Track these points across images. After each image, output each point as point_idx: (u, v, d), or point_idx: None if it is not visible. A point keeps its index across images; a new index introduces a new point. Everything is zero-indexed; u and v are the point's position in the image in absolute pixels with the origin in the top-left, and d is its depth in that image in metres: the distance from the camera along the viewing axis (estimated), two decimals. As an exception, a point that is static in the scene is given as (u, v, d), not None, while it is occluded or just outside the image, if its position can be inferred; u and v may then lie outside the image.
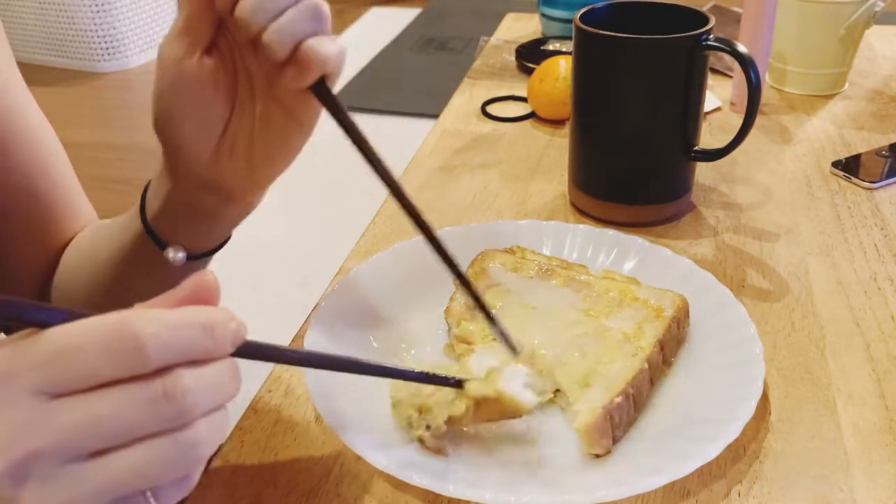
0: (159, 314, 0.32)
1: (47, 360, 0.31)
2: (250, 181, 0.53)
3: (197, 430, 0.32)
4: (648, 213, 0.74)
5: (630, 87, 0.70)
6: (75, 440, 0.30)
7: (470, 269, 0.62)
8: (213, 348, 0.33)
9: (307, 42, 0.45)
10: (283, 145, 0.51)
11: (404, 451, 0.49)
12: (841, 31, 0.97)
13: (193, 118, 0.49)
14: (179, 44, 0.47)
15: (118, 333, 0.31)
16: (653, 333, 0.54)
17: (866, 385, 0.55)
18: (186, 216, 0.55)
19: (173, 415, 0.32)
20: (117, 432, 0.31)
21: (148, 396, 0.31)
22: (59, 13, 3.22)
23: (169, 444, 0.32)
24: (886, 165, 0.83)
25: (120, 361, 0.31)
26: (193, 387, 0.32)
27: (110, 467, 0.31)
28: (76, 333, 0.31)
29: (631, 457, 0.49)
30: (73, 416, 0.30)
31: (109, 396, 0.31)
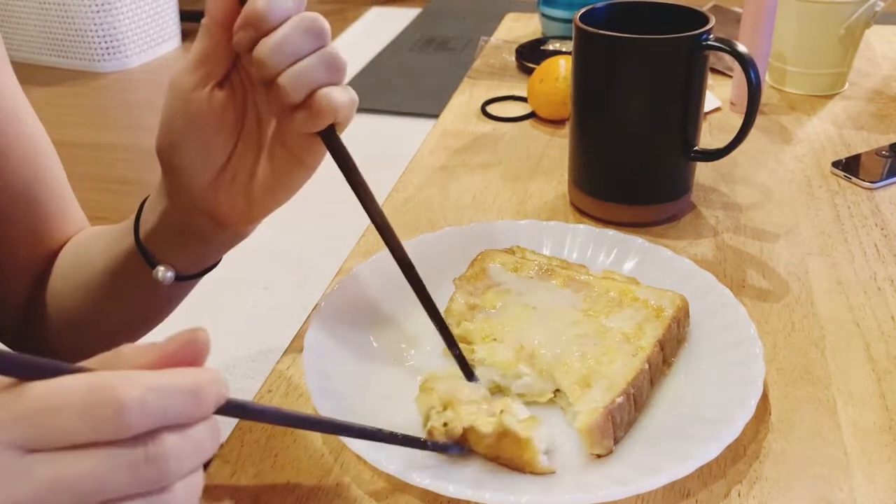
0: (142, 378, 0.31)
1: (26, 416, 0.30)
2: (246, 213, 0.53)
3: (175, 493, 0.32)
4: (648, 213, 0.74)
5: (630, 87, 0.70)
6: (51, 499, 0.30)
7: (470, 269, 0.62)
8: (196, 413, 0.32)
9: (322, 90, 0.46)
10: (284, 183, 0.52)
11: (404, 451, 0.48)
12: (841, 31, 0.97)
13: (197, 148, 0.50)
14: (193, 75, 0.48)
15: (99, 398, 0.30)
16: (653, 333, 0.54)
17: (866, 385, 0.55)
18: (179, 237, 0.55)
19: (154, 479, 0.31)
20: (95, 494, 0.30)
21: (129, 460, 0.30)
22: (59, 13, 3.22)
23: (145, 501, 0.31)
24: (886, 165, 0.83)
25: (99, 427, 0.30)
26: (176, 451, 0.31)
27: None
28: (57, 393, 0.30)
29: (631, 457, 0.49)
30: (51, 474, 0.30)
31: (90, 457, 0.30)
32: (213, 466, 0.50)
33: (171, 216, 0.54)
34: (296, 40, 0.45)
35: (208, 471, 0.50)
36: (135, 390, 0.30)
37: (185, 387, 0.32)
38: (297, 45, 0.45)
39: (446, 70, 3.11)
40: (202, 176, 0.51)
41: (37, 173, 0.62)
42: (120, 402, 0.30)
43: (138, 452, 0.31)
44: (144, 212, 0.57)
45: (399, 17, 3.83)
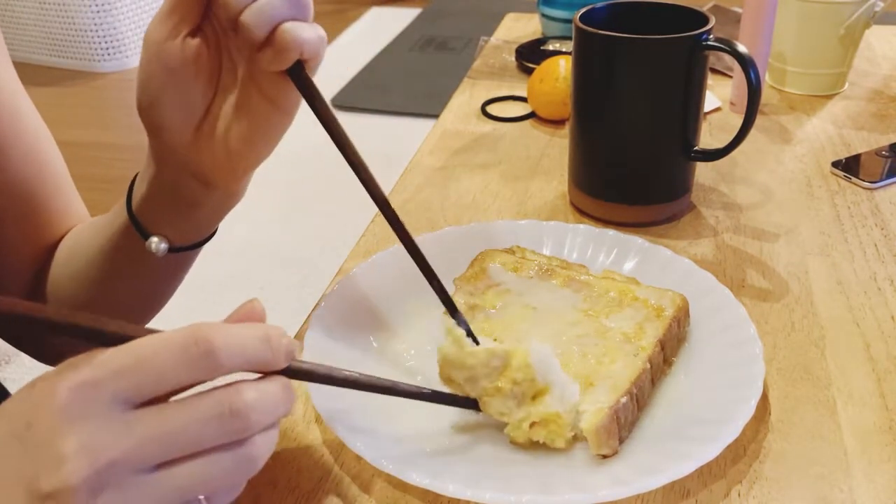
0: (223, 325, 0.34)
1: (127, 368, 0.32)
2: (229, 167, 0.53)
3: (254, 444, 0.35)
4: (648, 213, 0.74)
5: (630, 87, 0.70)
6: (148, 452, 0.32)
7: (470, 269, 0.62)
8: (271, 359, 0.36)
9: (284, 25, 0.45)
10: (262, 131, 0.51)
11: (404, 450, 0.49)
12: (841, 31, 0.97)
13: (175, 101, 0.50)
14: (165, 25, 0.48)
15: (192, 339, 0.33)
16: (653, 333, 0.54)
17: (866, 385, 0.55)
18: (170, 203, 0.55)
19: (237, 430, 0.34)
20: (185, 445, 0.33)
21: (215, 412, 0.33)
22: (59, 13, 3.22)
23: (230, 457, 0.34)
24: (886, 165, 0.83)
25: (194, 366, 0.33)
26: (256, 404, 0.34)
27: (175, 478, 0.33)
28: (152, 343, 0.33)
29: (631, 457, 0.49)
30: (149, 429, 0.32)
31: (180, 411, 0.33)
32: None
33: (159, 181, 0.54)
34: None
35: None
36: (220, 334, 0.34)
37: (259, 334, 0.35)
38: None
39: (446, 70, 3.12)
40: (183, 131, 0.51)
41: (39, 171, 0.62)
42: (210, 342, 0.33)
43: (224, 404, 0.33)
44: (135, 185, 0.57)
45: (399, 17, 3.83)
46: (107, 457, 0.31)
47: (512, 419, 0.49)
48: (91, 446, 0.31)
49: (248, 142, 0.52)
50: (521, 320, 0.56)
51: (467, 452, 0.50)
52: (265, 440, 0.36)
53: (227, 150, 0.52)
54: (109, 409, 0.32)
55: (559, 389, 0.49)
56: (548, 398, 0.48)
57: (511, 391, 0.48)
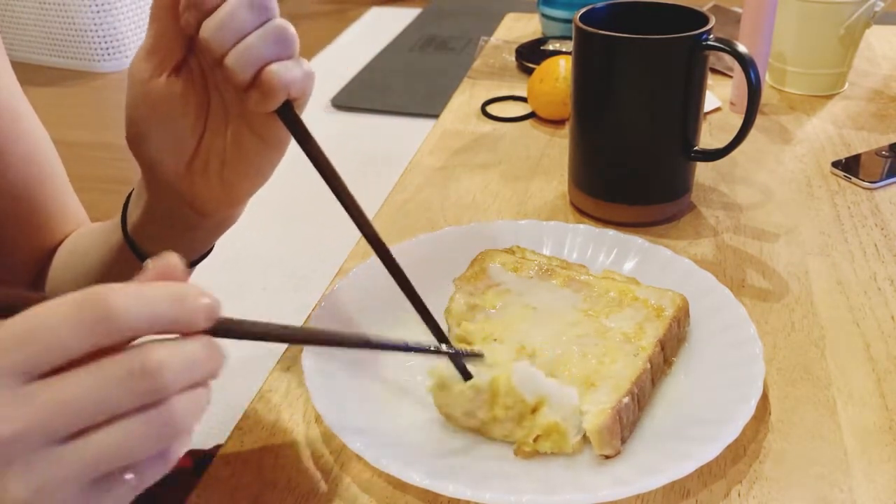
0: (127, 286, 0.32)
1: (19, 340, 0.30)
2: (225, 198, 0.53)
3: (173, 406, 0.32)
4: (648, 213, 0.74)
5: (630, 87, 0.70)
6: (53, 421, 0.30)
7: (470, 269, 0.62)
8: (183, 319, 0.33)
9: (270, 67, 0.44)
10: (256, 165, 0.51)
11: (404, 451, 0.49)
12: (841, 31, 0.97)
13: (164, 136, 0.49)
14: (148, 62, 0.46)
15: (87, 304, 0.31)
16: (653, 333, 0.54)
17: (866, 385, 0.55)
18: (165, 228, 0.55)
19: (148, 391, 0.31)
20: (94, 411, 0.31)
21: (122, 373, 0.31)
22: (59, 13, 3.22)
23: (145, 420, 0.31)
24: (886, 165, 0.83)
25: (90, 331, 0.30)
26: (168, 362, 0.31)
27: (89, 447, 0.31)
28: (45, 311, 0.31)
29: (631, 457, 0.49)
30: (50, 398, 0.30)
31: (83, 376, 0.31)
32: (213, 466, 0.50)
33: (153, 208, 0.54)
34: (238, 16, 0.43)
35: (208, 471, 0.50)
36: (121, 295, 0.31)
37: (170, 292, 0.32)
38: (240, 22, 0.43)
39: (446, 70, 3.12)
40: (174, 165, 0.50)
41: (38, 174, 0.62)
42: (107, 304, 0.31)
43: (133, 364, 0.31)
44: (130, 205, 0.56)
45: (399, 17, 3.83)
46: (6, 431, 0.30)
47: (515, 438, 0.49)
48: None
49: (242, 175, 0.51)
50: (521, 320, 0.56)
51: (467, 452, 0.50)
52: (188, 402, 0.32)
53: (222, 183, 0.51)
54: (5, 384, 0.30)
55: (554, 399, 0.49)
56: (545, 410, 0.48)
57: (507, 415, 0.49)
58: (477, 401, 0.49)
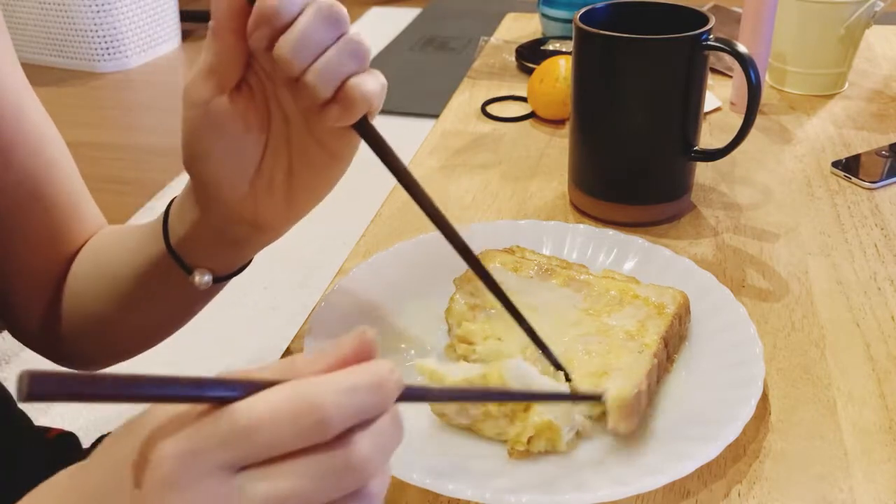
0: (332, 380, 0.32)
1: (234, 436, 0.30)
2: (288, 214, 0.52)
3: (370, 490, 0.33)
4: (648, 213, 0.74)
5: (630, 87, 0.70)
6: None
7: (466, 272, 0.62)
8: (383, 406, 0.33)
9: (352, 81, 0.43)
10: (323, 179, 0.51)
11: (404, 450, 0.48)
12: (841, 31, 0.97)
13: (225, 158, 0.48)
14: (208, 82, 0.46)
15: (303, 406, 0.31)
16: (656, 330, 0.54)
17: (866, 385, 0.55)
18: (215, 244, 0.54)
19: (355, 482, 0.32)
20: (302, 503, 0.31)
21: (331, 468, 0.31)
22: (59, 13, 3.22)
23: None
24: (886, 165, 0.83)
25: (304, 435, 0.31)
26: (370, 452, 0.32)
27: None
28: (259, 410, 0.31)
29: (631, 457, 0.49)
30: (261, 491, 0.31)
31: (294, 469, 0.31)
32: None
33: (205, 227, 0.53)
34: (316, 32, 0.42)
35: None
36: (331, 394, 0.31)
37: (369, 382, 0.32)
38: (319, 38, 0.42)
39: (446, 70, 3.11)
40: (237, 186, 0.49)
41: (47, 172, 0.60)
42: (321, 408, 0.31)
43: (339, 459, 0.31)
44: (172, 221, 0.55)
45: (399, 17, 3.83)
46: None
47: (509, 437, 0.49)
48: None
49: (309, 190, 0.51)
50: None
51: (467, 452, 0.50)
52: (380, 483, 0.34)
53: (287, 199, 0.51)
54: (214, 477, 0.31)
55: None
56: (537, 407, 0.48)
57: (499, 411, 0.49)
58: None
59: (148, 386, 0.29)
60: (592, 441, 0.50)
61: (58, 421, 1.52)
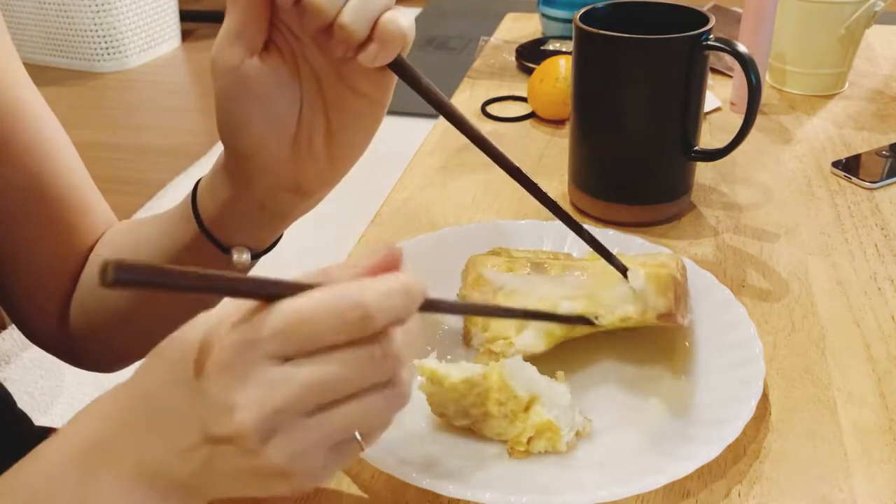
0: (372, 284, 0.35)
1: (284, 329, 0.34)
2: (331, 172, 0.52)
3: (403, 381, 0.37)
4: (648, 213, 0.74)
5: (630, 87, 0.70)
6: (309, 397, 0.35)
7: (469, 278, 0.61)
8: (412, 308, 0.37)
9: (385, 17, 0.43)
10: (362, 128, 0.50)
11: (405, 451, 0.49)
12: (841, 31, 0.97)
13: (264, 120, 0.48)
14: (235, 49, 0.45)
15: (346, 304, 0.34)
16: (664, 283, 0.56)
17: (866, 385, 0.55)
18: (254, 219, 0.54)
19: (389, 371, 0.36)
20: (343, 388, 0.35)
21: (370, 357, 0.35)
22: (59, 13, 3.22)
23: (383, 395, 0.36)
24: (886, 165, 0.83)
25: (347, 329, 0.34)
26: (403, 346, 0.36)
27: (335, 418, 0.35)
28: (307, 305, 0.34)
29: (631, 457, 0.49)
30: (308, 377, 0.34)
31: (337, 358, 0.35)
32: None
33: (244, 202, 0.52)
34: None
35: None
36: (370, 294, 0.35)
37: (402, 288, 0.36)
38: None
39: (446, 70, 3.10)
40: (278, 150, 0.49)
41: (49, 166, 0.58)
42: (364, 306, 0.34)
43: (377, 349, 0.35)
44: (202, 201, 0.54)
45: (399, 17, 3.82)
46: (271, 406, 0.34)
47: (509, 437, 0.49)
48: (257, 398, 0.34)
49: (349, 142, 0.50)
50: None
51: (467, 452, 0.50)
52: (409, 373, 0.37)
53: (329, 156, 0.50)
54: (268, 364, 0.34)
55: (546, 396, 0.49)
56: (537, 407, 0.48)
57: (499, 412, 0.49)
58: (469, 396, 0.49)
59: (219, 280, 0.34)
60: (592, 441, 0.50)
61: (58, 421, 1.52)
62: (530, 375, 0.49)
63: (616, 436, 0.51)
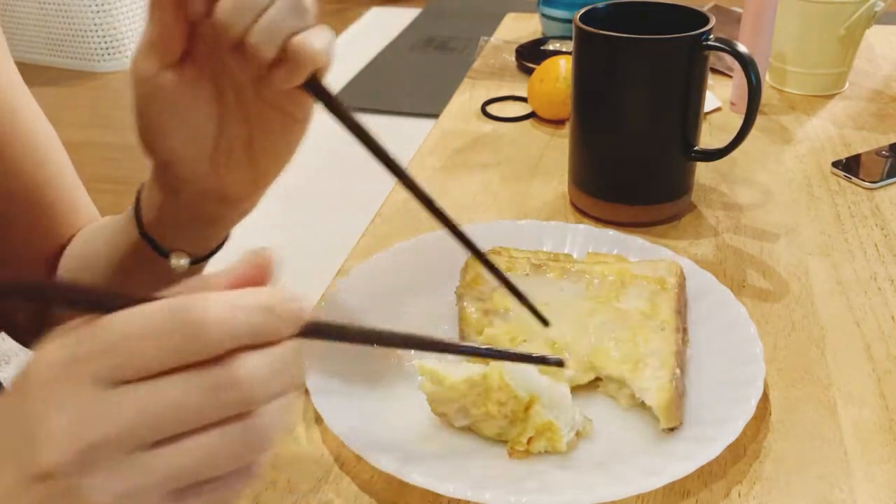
0: (218, 297, 0.31)
1: (110, 347, 0.30)
2: (254, 183, 0.52)
3: (261, 417, 0.32)
4: (648, 213, 0.74)
5: (630, 86, 0.70)
6: (139, 428, 0.30)
7: (467, 276, 0.61)
8: (273, 329, 0.32)
9: (296, 39, 0.42)
10: (283, 145, 0.50)
11: (404, 450, 0.49)
12: (841, 31, 0.97)
13: (179, 132, 0.47)
14: (152, 57, 0.45)
15: (180, 319, 0.30)
16: (668, 305, 0.56)
17: (866, 385, 0.55)
18: (187, 224, 0.54)
19: (236, 402, 0.31)
20: (181, 420, 0.30)
21: (210, 384, 0.30)
22: (59, 13, 3.22)
23: (233, 432, 0.31)
24: (886, 165, 0.83)
25: (181, 348, 0.30)
26: (256, 373, 0.31)
27: (175, 456, 0.30)
28: (138, 320, 0.30)
29: (631, 457, 0.49)
30: (137, 404, 0.30)
31: (172, 384, 0.30)
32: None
33: (174, 208, 0.53)
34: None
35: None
36: (212, 308, 0.30)
37: (260, 303, 0.31)
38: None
39: (446, 70, 3.11)
40: (197, 161, 0.49)
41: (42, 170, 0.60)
42: (200, 321, 0.30)
43: (220, 375, 0.30)
44: (143, 204, 0.55)
45: (399, 17, 3.83)
46: (93, 435, 0.29)
47: (509, 437, 0.49)
48: (76, 424, 0.30)
49: (271, 156, 0.50)
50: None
51: (467, 452, 0.50)
52: (273, 412, 0.32)
53: (251, 168, 0.50)
54: (94, 386, 0.30)
55: (546, 396, 0.49)
56: (537, 407, 0.48)
57: (500, 412, 0.49)
58: (470, 395, 0.49)
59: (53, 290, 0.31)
60: (592, 441, 0.50)
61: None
62: (530, 375, 0.49)
63: (616, 436, 0.51)
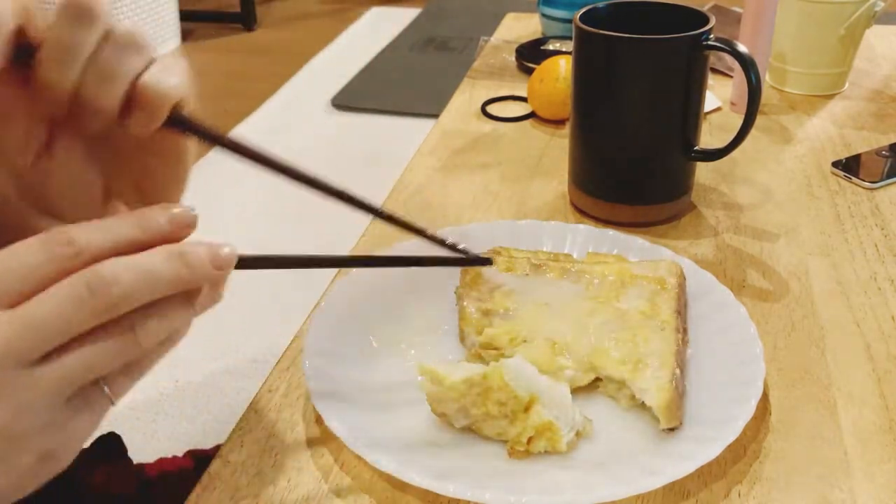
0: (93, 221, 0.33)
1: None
2: None
3: (133, 319, 0.33)
4: (648, 213, 0.74)
5: (630, 87, 0.70)
6: (21, 344, 0.31)
7: (467, 276, 0.61)
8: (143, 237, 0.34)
9: (143, 81, 0.37)
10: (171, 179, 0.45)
11: (404, 450, 0.49)
12: (841, 31, 0.97)
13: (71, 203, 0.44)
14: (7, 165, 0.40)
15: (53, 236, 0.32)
16: (668, 305, 0.56)
17: (866, 385, 0.55)
18: None
19: (104, 307, 0.32)
20: (57, 331, 0.32)
21: (76, 292, 0.32)
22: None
23: (108, 335, 0.33)
24: (886, 165, 0.83)
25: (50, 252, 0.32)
26: (121, 276, 0.32)
27: (59, 366, 0.32)
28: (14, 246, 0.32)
29: (631, 457, 0.49)
30: (14, 321, 0.31)
31: (44, 298, 0.32)
32: (214, 466, 0.50)
33: None
34: (73, 37, 0.35)
35: (208, 471, 0.50)
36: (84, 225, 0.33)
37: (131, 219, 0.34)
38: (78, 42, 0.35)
39: (446, 70, 3.11)
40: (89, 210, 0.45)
41: None
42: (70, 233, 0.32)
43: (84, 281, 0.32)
44: None
45: (399, 17, 3.83)
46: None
47: (509, 437, 0.49)
48: None
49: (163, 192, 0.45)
50: (538, 318, 0.56)
51: (467, 452, 0.50)
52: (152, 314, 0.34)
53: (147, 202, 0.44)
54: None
55: (546, 396, 0.49)
56: (538, 407, 0.48)
57: (500, 412, 0.49)
58: (470, 395, 0.49)
59: None
60: (592, 441, 0.50)
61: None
62: (530, 375, 0.49)
63: (616, 436, 0.51)
